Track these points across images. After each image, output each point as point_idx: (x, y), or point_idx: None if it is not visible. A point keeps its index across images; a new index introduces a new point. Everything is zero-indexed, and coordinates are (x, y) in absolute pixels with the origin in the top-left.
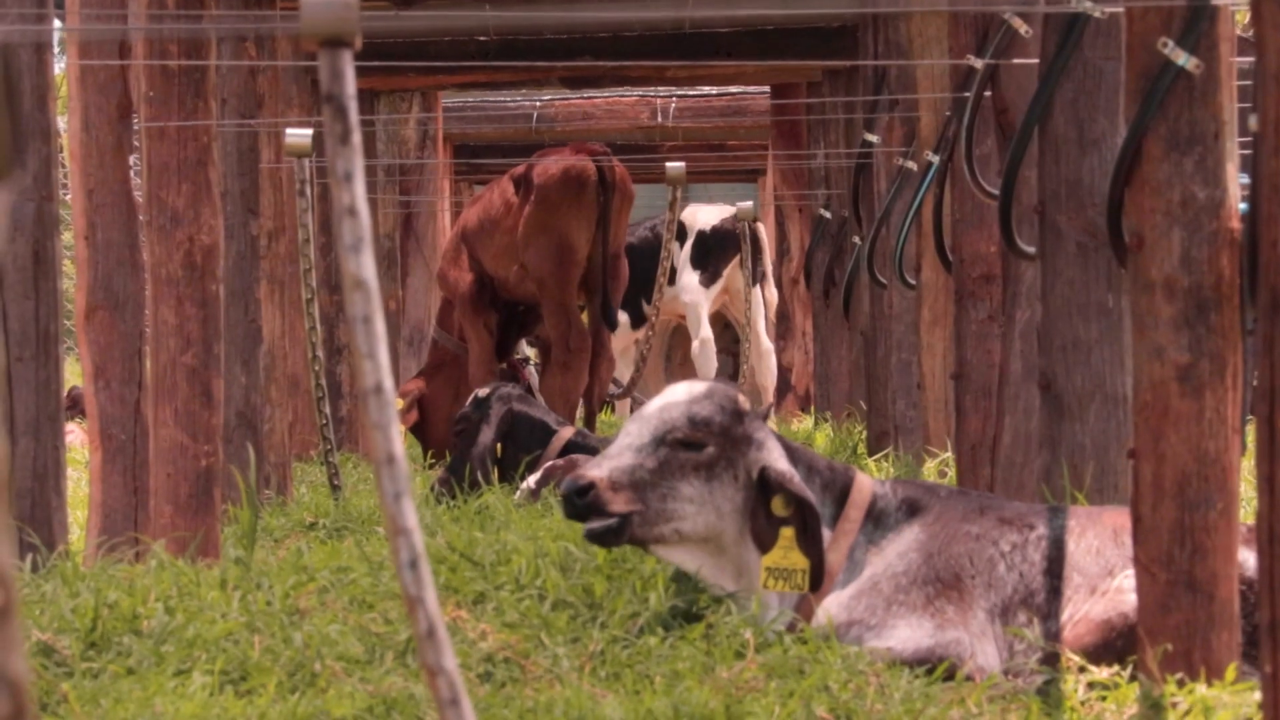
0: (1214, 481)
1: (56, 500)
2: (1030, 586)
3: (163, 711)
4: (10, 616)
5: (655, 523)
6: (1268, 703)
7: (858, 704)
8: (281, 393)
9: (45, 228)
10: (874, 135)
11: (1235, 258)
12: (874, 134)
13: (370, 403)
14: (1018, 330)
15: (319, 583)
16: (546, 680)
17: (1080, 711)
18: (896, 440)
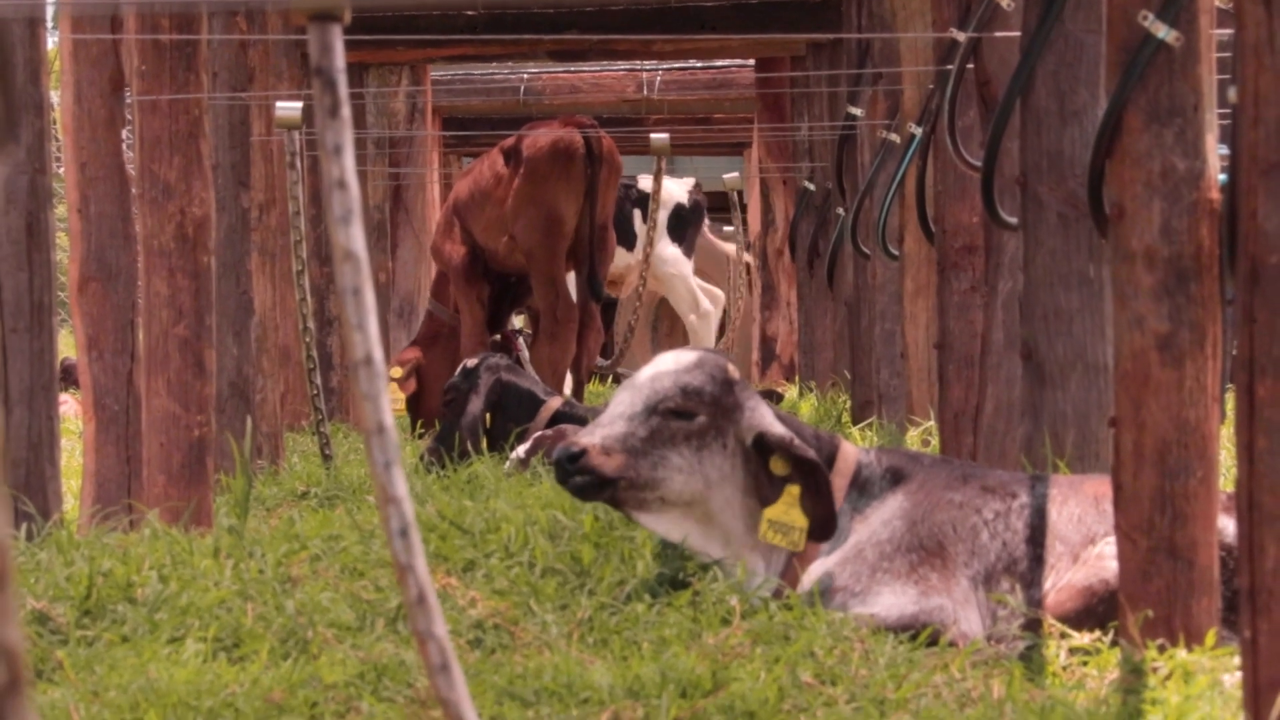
0: (1194, 449)
1: (51, 470)
2: (1013, 554)
3: (157, 678)
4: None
5: (644, 489)
6: (1247, 667)
7: (842, 669)
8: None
9: (38, 200)
10: (858, 108)
11: (1215, 228)
12: (858, 107)
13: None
14: (1000, 300)
15: (311, 551)
16: (535, 646)
17: (1062, 677)
18: (880, 409)
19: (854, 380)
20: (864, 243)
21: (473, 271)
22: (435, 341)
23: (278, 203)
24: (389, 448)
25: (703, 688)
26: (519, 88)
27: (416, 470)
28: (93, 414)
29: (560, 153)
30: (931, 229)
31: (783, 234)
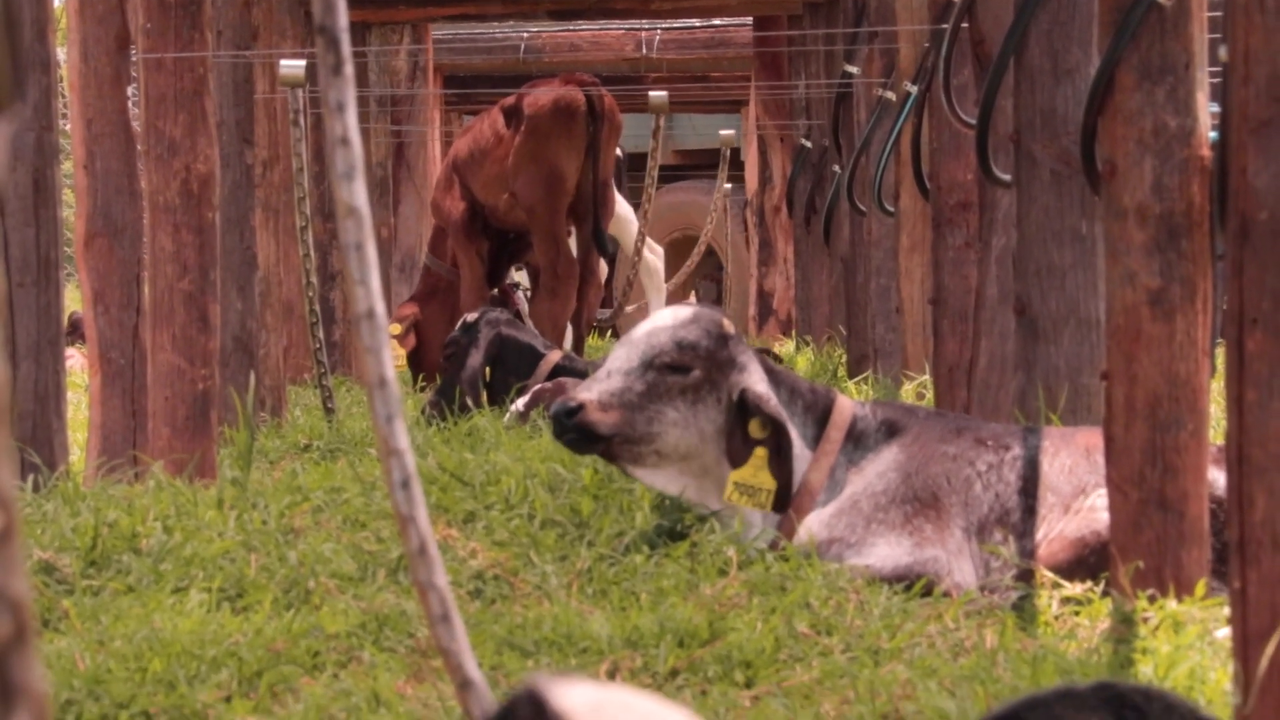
0: (1184, 403)
1: (57, 422)
2: (1006, 505)
3: (161, 627)
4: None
5: (640, 443)
6: (1236, 618)
7: (838, 619)
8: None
9: (45, 157)
10: (854, 66)
11: (1205, 185)
12: (854, 65)
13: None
14: (994, 256)
15: (313, 502)
16: (535, 597)
17: (1054, 626)
18: (876, 363)
19: (850, 335)
20: (860, 199)
21: (472, 227)
22: (433, 296)
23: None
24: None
25: (700, 638)
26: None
27: (418, 423)
28: (99, 367)
29: (562, 110)
30: (927, 186)
31: (780, 191)
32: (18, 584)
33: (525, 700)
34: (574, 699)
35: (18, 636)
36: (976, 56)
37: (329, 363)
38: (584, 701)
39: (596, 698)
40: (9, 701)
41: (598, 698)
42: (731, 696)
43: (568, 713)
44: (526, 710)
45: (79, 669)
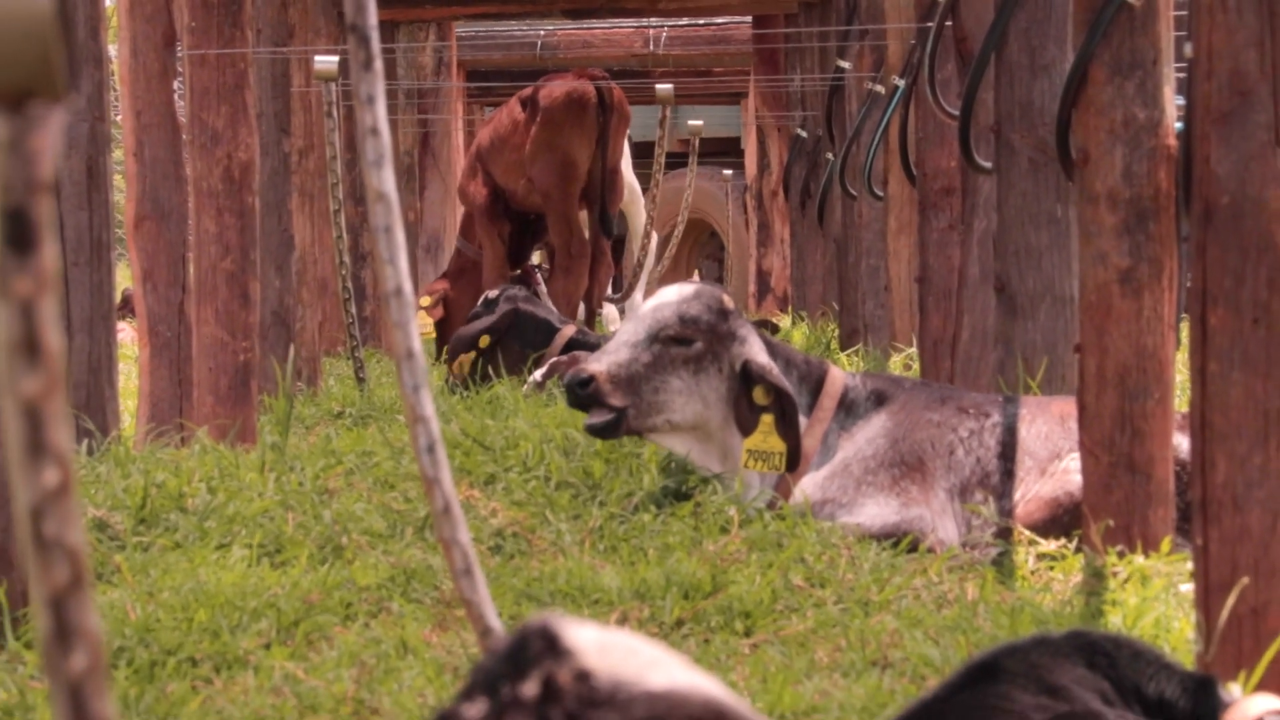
0: (1151, 373)
1: (109, 391)
2: (986, 468)
3: (206, 581)
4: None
5: (648, 414)
6: (1199, 572)
7: (831, 573)
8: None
9: (98, 145)
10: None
11: (1171, 172)
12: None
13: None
14: (975, 237)
15: (346, 465)
16: (551, 553)
17: (1030, 580)
18: (866, 337)
19: (842, 310)
20: (851, 185)
21: (494, 211)
22: (462, 275)
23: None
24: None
25: (703, 590)
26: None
27: (442, 392)
28: (147, 340)
29: (574, 102)
30: (913, 172)
31: (777, 177)
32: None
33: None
34: (582, 635)
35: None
36: (959, 53)
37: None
38: (591, 638)
39: (603, 638)
40: (66, 643)
41: (605, 638)
42: (732, 644)
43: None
44: (539, 643)
45: (130, 618)
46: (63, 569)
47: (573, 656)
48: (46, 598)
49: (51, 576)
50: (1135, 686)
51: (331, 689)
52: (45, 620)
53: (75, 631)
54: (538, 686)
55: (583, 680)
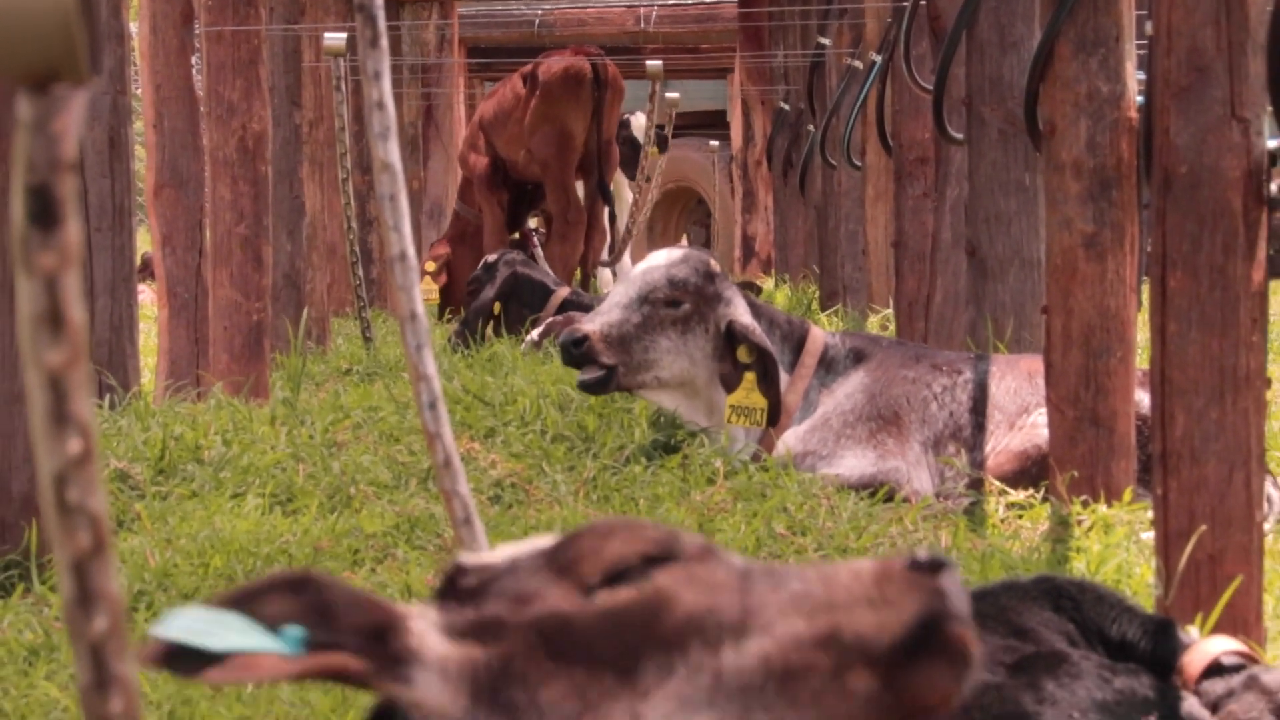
0: (1114, 333)
1: (130, 349)
2: (958, 422)
3: (221, 528)
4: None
5: (638, 371)
6: (1159, 519)
7: (811, 522)
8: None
9: (119, 117)
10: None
11: (1133, 143)
12: (826, 37)
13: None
14: (948, 204)
15: (353, 420)
16: (547, 502)
17: (1000, 528)
18: (844, 298)
19: (822, 273)
20: (831, 155)
21: (494, 179)
22: (462, 239)
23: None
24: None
25: None
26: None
27: (444, 351)
28: (166, 301)
29: (571, 78)
30: (889, 143)
31: (761, 148)
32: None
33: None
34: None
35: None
36: (933, 30)
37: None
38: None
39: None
40: (88, 606)
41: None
42: None
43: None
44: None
45: (149, 564)
46: (85, 534)
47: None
48: (69, 562)
49: (74, 541)
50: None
51: None
52: (67, 584)
53: (96, 595)
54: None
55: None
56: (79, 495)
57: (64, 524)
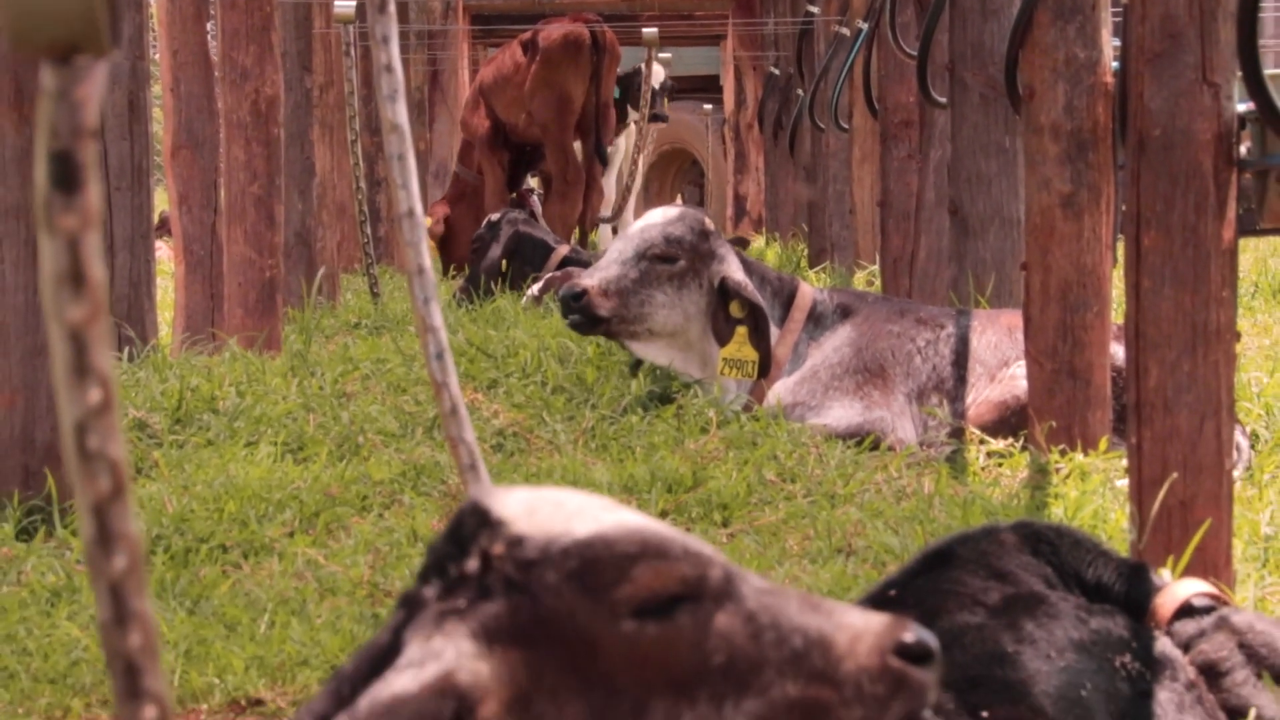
0: (1090, 289)
1: (148, 303)
2: (941, 375)
3: (235, 475)
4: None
5: (634, 322)
6: (1133, 467)
7: (800, 469)
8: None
9: (138, 81)
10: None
11: (1109, 107)
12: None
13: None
14: (931, 166)
15: (362, 371)
16: (547, 451)
17: (981, 476)
18: (832, 256)
19: (811, 232)
20: (820, 118)
21: (495, 141)
22: (461, 198)
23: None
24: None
25: (685, 484)
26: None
27: (449, 305)
28: (183, 258)
29: (570, 44)
30: (875, 106)
31: (752, 111)
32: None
33: (470, 511)
34: (511, 503)
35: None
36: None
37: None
38: (519, 504)
39: (530, 499)
40: (108, 546)
41: (531, 499)
42: (711, 534)
43: (507, 516)
44: (472, 520)
45: (167, 509)
46: (105, 479)
47: (504, 526)
48: (90, 505)
49: (94, 486)
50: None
51: (349, 573)
52: (88, 526)
53: (116, 536)
54: (476, 562)
55: (515, 546)
56: (99, 442)
57: (85, 469)
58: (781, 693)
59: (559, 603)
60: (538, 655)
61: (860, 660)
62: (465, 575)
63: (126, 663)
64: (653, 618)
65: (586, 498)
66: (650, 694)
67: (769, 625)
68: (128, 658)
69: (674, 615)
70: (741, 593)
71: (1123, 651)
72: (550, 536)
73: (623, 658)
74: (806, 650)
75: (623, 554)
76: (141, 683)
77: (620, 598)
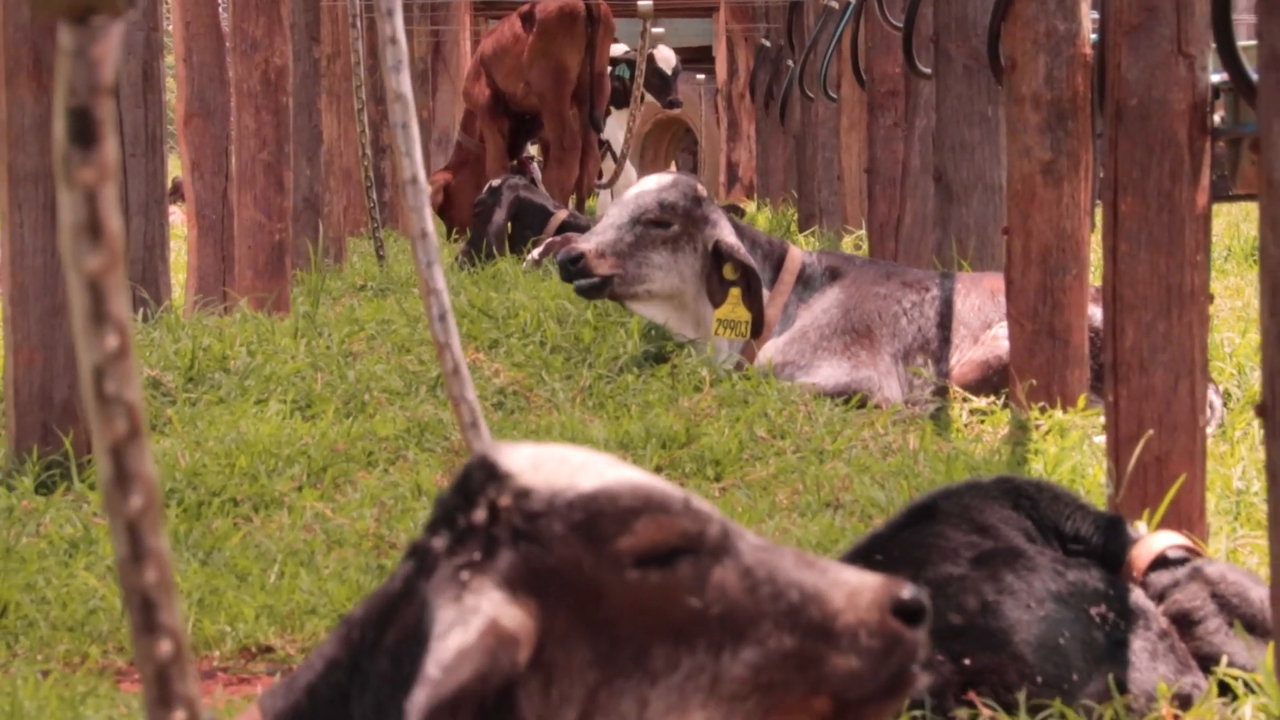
0: (1069, 253)
1: (162, 266)
2: (926, 335)
3: (246, 431)
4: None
5: (631, 284)
6: (1110, 424)
7: (790, 426)
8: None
9: (152, 51)
10: None
11: (1087, 77)
12: None
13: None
14: (917, 134)
15: (368, 332)
16: (546, 408)
17: (964, 432)
18: (821, 220)
19: (800, 197)
20: (809, 88)
21: (495, 110)
22: (463, 165)
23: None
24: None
25: (679, 441)
26: None
27: (452, 268)
28: (195, 222)
29: (566, 16)
30: (863, 77)
31: (744, 81)
32: (132, 392)
33: (478, 464)
34: (517, 458)
35: (132, 434)
36: None
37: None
38: (525, 458)
39: (536, 455)
40: (125, 486)
41: (537, 455)
42: (704, 488)
43: (514, 469)
44: (480, 473)
45: (180, 464)
46: (122, 421)
47: (511, 478)
48: (107, 447)
49: (112, 428)
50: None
51: (355, 526)
52: (106, 467)
53: (133, 476)
54: (484, 512)
55: (522, 498)
56: (116, 387)
57: (102, 412)
58: (779, 644)
59: (566, 551)
60: (549, 602)
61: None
62: (473, 526)
63: (143, 598)
64: (654, 567)
65: (590, 454)
66: (651, 640)
67: (765, 580)
68: (144, 593)
69: (674, 566)
70: (739, 548)
71: (1098, 602)
72: (556, 489)
73: (626, 605)
74: (803, 604)
75: (626, 508)
76: (158, 617)
77: (623, 548)
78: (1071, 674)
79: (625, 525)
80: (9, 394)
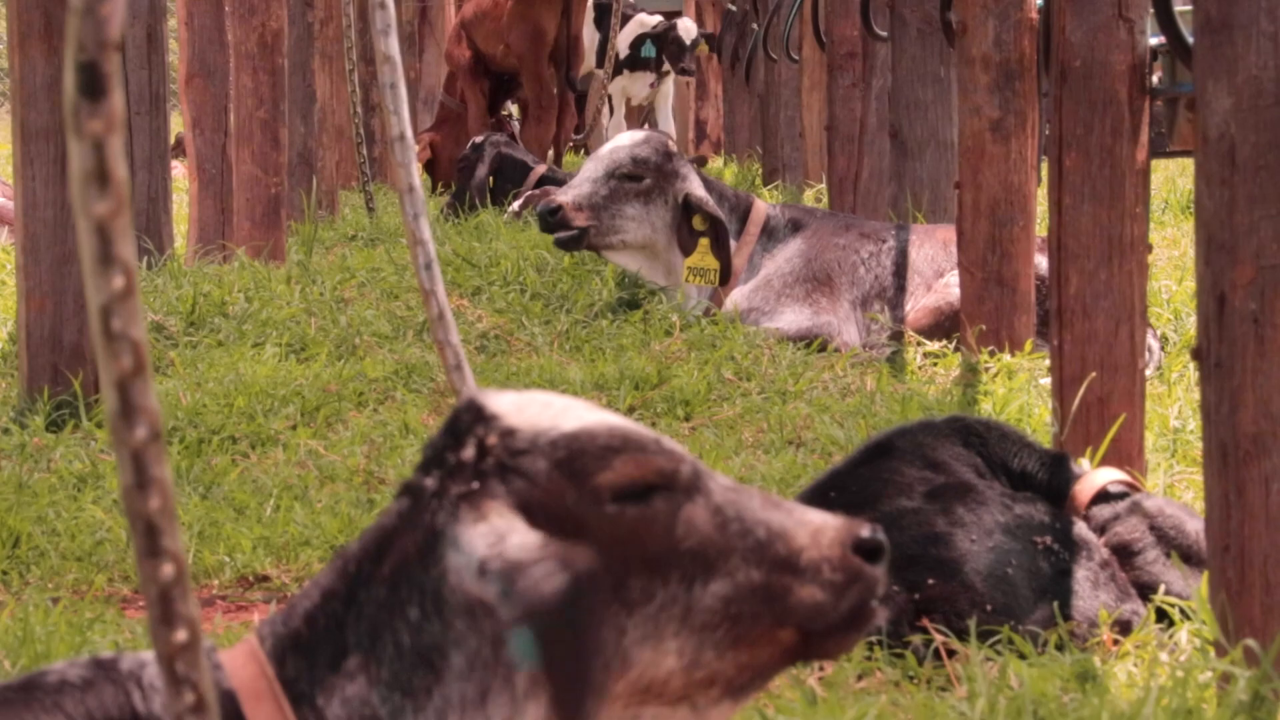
0: (1017, 205)
1: (165, 217)
2: (883, 284)
3: (244, 373)
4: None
5: (606, 234)
6: (1054, 367)
7: (755, 368)
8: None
9: (156, 15)
10: None
11: (1033, 40)
12: None
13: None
14: (874, 93)
15: (358, 279)
16: (526, 352)
17: (918, 374)
18: (784, 175)
19: (764, 153)
20: (772, 50)
21: (476, 71)
22: (445, 123)
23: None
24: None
25: (650, 382)
26: None
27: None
28: (196, 176)
29: None
30: (823, 39)
31: None
32: (137, 330)
33: (465, 408)
34: (503, 402)
35: (137, 369)
36: None
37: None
38: (510, 402)
39: (520, 399)
40: (130, 419)
41: (521, 399)
42: (674, 428)
43: (500, 411)
44: (468, 415)
45: (181, 404)
46: (127, 358)
47: (497, 419)
48: (114, 381)
49: (118, 364)
50: (1003, 462)
51: (347, 462)
52: (112, 400)
53: (137, 409)
54: (472, 450)
55: (507, 436)
56: (122, 324)
57: (109, 349)
58: (747, 577)
59: (550, 486)
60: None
61: (823, 550)
62: (462, 462)
63: (147, 524)
64: (631, 502)
65: (570, 400)
66: (628, 571)
67: (734, 518)
68: (148, 519)
69: (650, 501)
70: (709, 488)
71: (1044, 534)
72: (539, 429)
73: (605, 537)
74: (769, 540)
75: (605, 446)
76: (161, 542)
77: (603, 483)
78: (1019, 601)
79: (605, 462)
80: (21, 337)
